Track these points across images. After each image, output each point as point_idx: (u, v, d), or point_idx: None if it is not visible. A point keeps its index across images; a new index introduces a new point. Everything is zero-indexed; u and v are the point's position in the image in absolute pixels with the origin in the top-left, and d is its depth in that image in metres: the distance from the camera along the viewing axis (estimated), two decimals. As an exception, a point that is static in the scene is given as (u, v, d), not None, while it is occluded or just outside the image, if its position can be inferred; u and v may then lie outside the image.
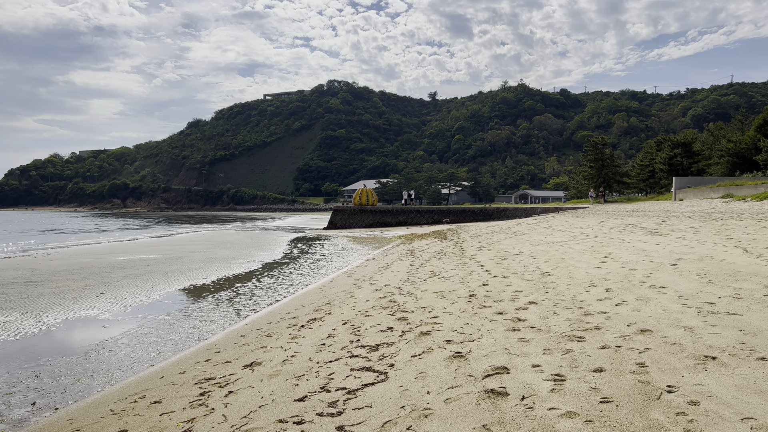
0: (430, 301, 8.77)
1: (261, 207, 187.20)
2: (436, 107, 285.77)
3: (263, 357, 6.41)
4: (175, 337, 8.57)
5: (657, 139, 71.12)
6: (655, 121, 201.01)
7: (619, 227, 20.45)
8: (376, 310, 8.54)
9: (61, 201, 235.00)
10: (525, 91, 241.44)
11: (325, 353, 6.17)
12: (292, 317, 9.02)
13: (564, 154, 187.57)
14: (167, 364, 6.78)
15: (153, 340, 8.41)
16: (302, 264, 19.68)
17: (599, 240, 16.33)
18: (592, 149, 67.00)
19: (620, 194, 72.25)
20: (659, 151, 64.35)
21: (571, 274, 10.27)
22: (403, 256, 19.07)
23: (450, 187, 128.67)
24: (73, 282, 14.14)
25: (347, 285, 12.56)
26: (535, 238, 19.79)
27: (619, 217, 26.68)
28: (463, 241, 22.37)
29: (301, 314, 9.20)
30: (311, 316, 8.75)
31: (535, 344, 5.52)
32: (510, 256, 14.42)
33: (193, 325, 9.41)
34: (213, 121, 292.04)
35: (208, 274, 16.53)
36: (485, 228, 30.34)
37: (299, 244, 30.81)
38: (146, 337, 8.61)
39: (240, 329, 8.66)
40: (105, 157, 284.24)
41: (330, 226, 50.68)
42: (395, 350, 5.89)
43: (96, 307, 10.94)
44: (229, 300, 11.83)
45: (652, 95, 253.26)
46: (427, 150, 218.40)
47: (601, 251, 13.32)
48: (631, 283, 8.51)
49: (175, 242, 31.67)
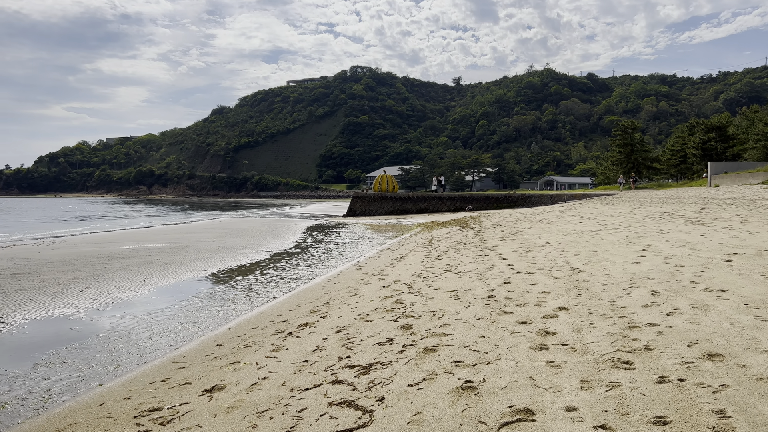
0: (441, 303, 7.54)
1: (284, 194, 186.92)
2: (460, 92, 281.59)
3: (230, 378, 5.25)
4: (145, 344, 7.42)
5: (689, 122, 68.43)
6: (685, 105, 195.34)
7: (654, 215, 18.92)
8: (378, 314, 7.34)
9: (88, 188, 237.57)
10: (551, 76, 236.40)
11: (305, 375, 4.98)
12: (283, 321, 7.86)
13: (591, 140, 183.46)
14: (116, 385, 5.63)
15: (119, 348, 7.27)
16: (312, 255, 18.54)
17: (634, 230, 14.88)
18: (621, 134, 64.75)
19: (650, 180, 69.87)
20: (691, 136, 61.91)
21: (606, 270, 8.94)
22: (419, 246, 17.83)
23: (474, 173, 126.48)
24: (62, 274, 13.18)
25: (354, 280, 11.38)
26: (562, 227, 18.39)
27: (653, 204, 25.07)
28: (485, 230, 21.04)
29: (294, 317, 8.03)
30: (303, 320, 7.58)
31: (568, 371, 4.26)
32: (535, 248, 13.10)
33: (171, 328, 8.28)
34: (237, 108, 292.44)
35: (209, 265, 15.48)
36: (509, 216, 28.91)
37: (315, 232, 29.71)
38: (113, 344, 7.47)
39: (220, 336, 7.51)
40: (131, 144, 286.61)
41: (349, 214, 49.53)
42: (390, 374, 4.68)
43: (74, 305, 9.90)
44: (221, 298, 10.70)
45: (682, 79, 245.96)
46: (451, 136, 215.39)
47: (638, 243, 11.92)
48: (681, 284, 7.16)
49: (188, 230, 30.81)
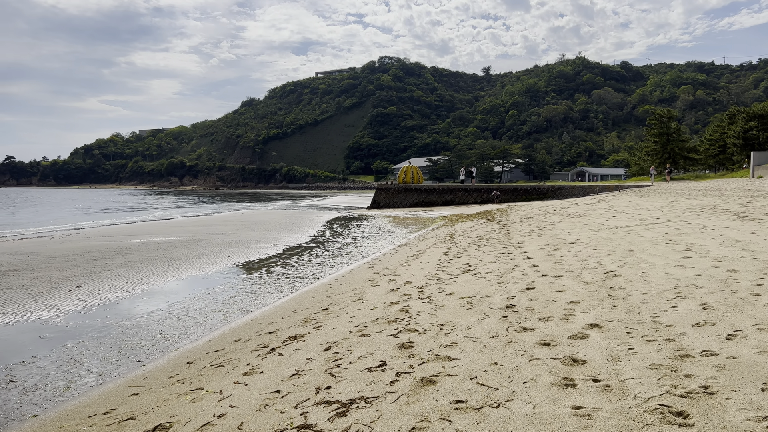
0: (452, 313, 6.51)
1: (312, 185, 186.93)
2: (490, 82, 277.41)
3: (182, 413, 4.30)
4: (112, 358, 6.47)
5: (729, 111, 65.55)
6: (723, 93, 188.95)
7: (694, 209, 17.52)
8: (378, 326, 6.34)
9: (121, 179, 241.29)
10: (583, 64, 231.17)
11: (269, 415, 4.01)
12: (271, 331, 6.90)
13: (624, 130, 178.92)
14: (49, 419, 4.72)
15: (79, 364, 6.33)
16: (327, 250, 17.60)
17: (674, 225, 13.59)
18: (656, 123, 62.31)
19: (686, 171, 67.33)
20: (731, 125, 59.26)
21: (645, 274, 7.79)
22: (439, 241, 16.76)
23: (503, 164, 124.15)
24: (58, 271, 12.46)
25: (362, 281, 10.39)
26: (594, 221, 17.12)
27: (692, 197, 23.54)
28: (512, 224, 19.86)
29: (284, 327, 7.07)
30: (293, 332, 6.61)
31: (601, 424, 3.20)
32: (564, 245, 11.93)
33: (149, 338, 7.37)
34: (266, 100, 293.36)
35: (216, 261, 14.65)
36: (537, 208, 27.61)
37: (335, 225, 28.81)
38: (76, 358, 6.54)
39: (196, 350, 6.58)
40: (163, 136, 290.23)
41: (373, 206, 48.53)
42: (372, 417, 3.68)
43: (55, 308, 9.11)
44: (216, 300, 9.78)
45: (720, 67, 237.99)
46: (480, 126, 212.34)
47: (679, 241, 10.68)
48: (738, 296, 5.99)
49: (207, 222, 30.21)
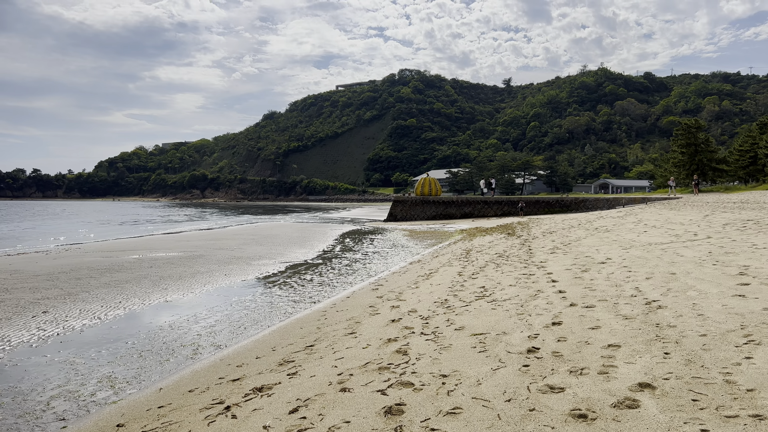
0: (459, 357, 5.20)
1: (332, 197, 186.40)
2: (511, 94, 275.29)
3: None
4: (34, 411, 5.10)
5: (759, 120, 63.19)
6: (750, 104, 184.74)
7: (735, 224, 15.95)
8: (366, 375, 5.04)
9: (144, 191, 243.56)
10: (606, 76, 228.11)
11: None
12: (235, 378, 5.63)
13: (648, 141, 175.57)
14: None
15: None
16: (332, 267, 16.32)
17: (716, 242, 12.08)
18: (683, 133, 60.19)
19: (713, 183, 64.94)
20: (763, 135, 56.98)
21: (697, 306, 6.39)
22: (454, 258, 15.41)
23: (524, 176, 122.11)
24: (32, 293, 11.35)
25: (361, 307, 9.10)
26: (624, 236, 15.64)
27: (728, 210, 21.90)
28: (533, 239, 18.43)
29: (254, 372, 5.80)
30: (261, 381, 5.33)
31: None
32: (593, 266, 10.52)
33: (92, 384, 6.06)
34: (287, 113, 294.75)
35: (210, 280, 13.46)
36: (561, 222, 26.10)
37: (347, 239, 27.55)
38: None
39: (138, 404, 5.31)
40: (186, 149, 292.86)
41: (389, 218, 47.22)
42: None
43: (5, 340, 7.95)
44: (191, 330, 8.50)
45: (746, 77, 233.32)
46: (501, 138, 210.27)
47: (728, 262, 9.22)
48: (830, 341, 4.59)
49: (215, 236, 29.18)
